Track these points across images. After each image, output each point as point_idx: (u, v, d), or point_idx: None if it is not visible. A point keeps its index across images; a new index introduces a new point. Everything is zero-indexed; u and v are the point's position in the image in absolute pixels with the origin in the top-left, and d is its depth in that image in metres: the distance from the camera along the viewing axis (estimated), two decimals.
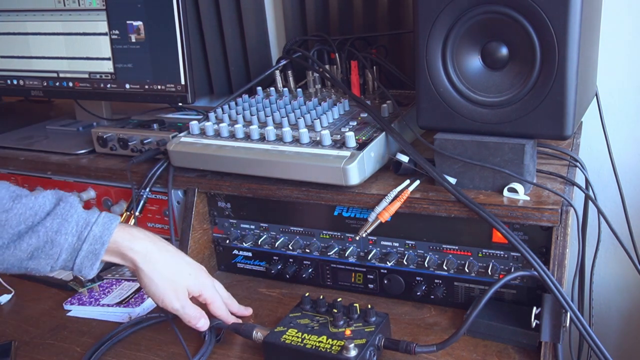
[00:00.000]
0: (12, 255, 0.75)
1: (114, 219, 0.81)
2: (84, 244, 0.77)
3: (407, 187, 0.92)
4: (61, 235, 0.76)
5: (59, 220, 0.76)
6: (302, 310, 0.90)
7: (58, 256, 0.76)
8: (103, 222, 0.79)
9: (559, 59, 0.78)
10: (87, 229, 0.78)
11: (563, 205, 0.83)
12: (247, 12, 1.46)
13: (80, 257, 0.77)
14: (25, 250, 0.75)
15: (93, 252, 0.77)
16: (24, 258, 0.75)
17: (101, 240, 0.78)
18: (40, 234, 0.75)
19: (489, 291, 0.82)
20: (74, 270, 0.78)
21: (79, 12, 1.29)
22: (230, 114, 1.11)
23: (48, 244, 0.75)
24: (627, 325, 1.40)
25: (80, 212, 0.79)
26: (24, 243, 0.74)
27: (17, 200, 0.76)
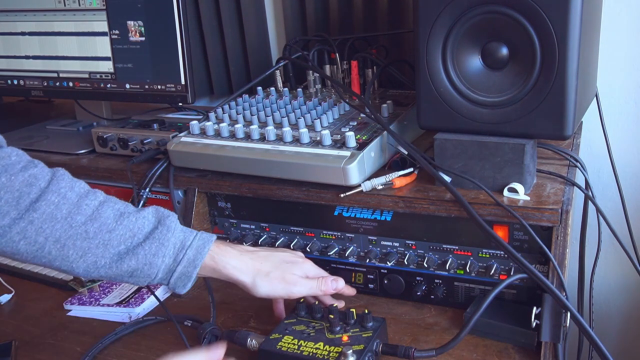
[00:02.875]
0: (113, 272, 0.78)
1: (207, 241, 0.83)
2: (179, 266, 0.80)
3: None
4: (158, 258, 0.79)
5: (157, 245, 0.79)
6: (297, 317, 0.89)
7: (155, 276, 0.80)
8: (197, 245, 0.82)
9: (559, 59, 0.78)
10: (182, 252, 0.81)
11: (563, 205, 0.83)
12: (247, 12, 1.46)
13: (174, 277, 0.81)
14: (125, 271, 0.78)
15: (186, 274, 0.81)
16: (124, 275, 0.79)
17: (194, 264, 0.81)
18: (139, 257, 0.78)
19: (490, 295, 0.82)
20: (169, 287, 0.82)
21: (79, 12, 1.29)
22: (231, 114, 1.11)
23: (147, 265, 0.78)
24: (627, 325, 1.40)
25: (177, 235, 0.81)
26: (124, 264, 0.78)
27: (119, 221, 0.79)
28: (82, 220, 0.77)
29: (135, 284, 0.81)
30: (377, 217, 0.98)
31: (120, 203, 0.82)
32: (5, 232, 0.74)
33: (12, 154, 0.78)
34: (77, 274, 0.79)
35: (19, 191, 0.74)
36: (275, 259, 0.89)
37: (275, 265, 0.88)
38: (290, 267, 0.89)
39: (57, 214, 0.76)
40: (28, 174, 0.76)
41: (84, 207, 0.78)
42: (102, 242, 0.77)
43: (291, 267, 0.89)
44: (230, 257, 0.85)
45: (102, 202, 0.80)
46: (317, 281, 0.89)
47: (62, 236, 0.75)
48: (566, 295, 0.81)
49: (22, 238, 0.74)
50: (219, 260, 0.83)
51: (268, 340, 0.84)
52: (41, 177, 0.77)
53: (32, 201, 0.75)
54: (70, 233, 0.76)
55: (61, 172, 0.80)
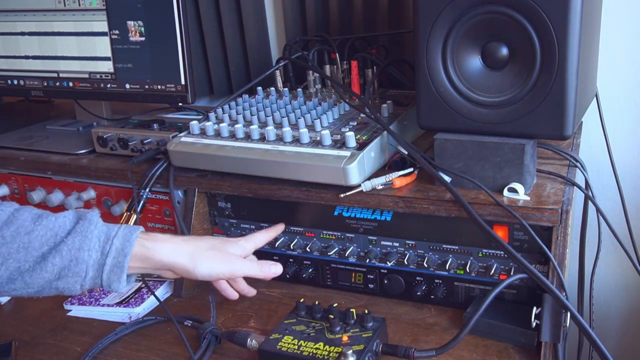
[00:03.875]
0: (39, 277, 0.75)
1: (134, 230, 0.81)
2: (108, 258, 0.77)
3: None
4: (84, 251, 0.76)
5: (80, 237, 0.76)
6: (297, 317, 0.89)
7: (85, 273, 0.76)
8: (123, 234, 0.79)
9: (559, 59, 0.78)
10: (108, 242, 0.78)
11: (563, 205, 0.83)
12: (247, 12, 1.46)
13: (106, 271, 0.77)
14: (51, 271, 0.75)
15: (117, 265, 0.77)
16: (52, 279, 0.75)
17: (123, 252, 0.77)
18: (63, 253, 0.75)
19: (490, 295, 0.82)
20: (103, 286, 0.78)
21: (79, 12, 1.29)
22: (231, 114, 1.11)
23: (72, 262, 0.75)
24: (627, 325, 1.40)
25: (100, 227, 0.79)
26: (48, 264, 0.74)
27: (37, 222, 0.76)
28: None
29: (67, 289, 0.76)
30: (377, 217, 0.98)
31: (36, 209, 0.80)
32: None
33: None
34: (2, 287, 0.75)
35: None
36: (208, 239, 0.88)
37: (211, 245, 0.86)
38: (225, 245, 0.87)
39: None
40: None
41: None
42: (21, 245, 0.74)
43: (227, 245, 0.88)
44: (161, 242, 0.82)
45: (17, 208, 0.78)
46: (259, 263, 0.89)
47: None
48: (566, 295, 0.81)
49: None
50: (150, 247, 0.80)
51: (268, 340, 0.84)
52: None
53: None
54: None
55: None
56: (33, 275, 0.74)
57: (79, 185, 1.22)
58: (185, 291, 1.08)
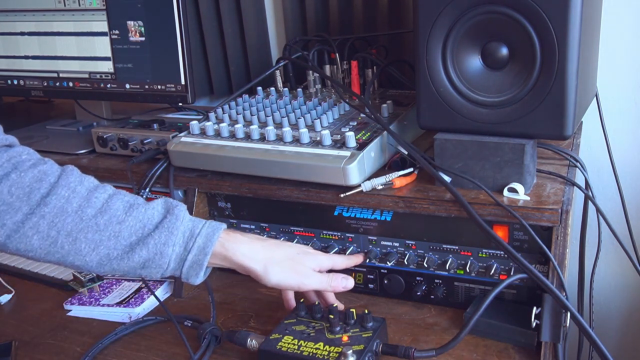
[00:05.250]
0: (126, 265, 0.79)
1: (217, 228, 0.83)
2: (189, 255, 0.80)
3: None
4: (168, 246, 0.79)
5: (166, 233, 0.79)
6: (297, 317, 0.89)
7: (167, 266, 0.80)
8: (206, 233, 0.82)
9: (559, 59, 0.78)
10: (192, 240, 0.81)
11: (563, 205, 0.83)
12: (247, 12, 1.46)
13: (186, 266, 0.80)
14: (137, 261, 0.78)
15: (197, 262, 0.80)
16: (137, 267, 0.79)
17: (204, 251, 0.80)
18: (150, 247, 0.78)
19: (490, 295, 0.82)
20: (182, 277, 0.82)
21: (79, 12, 1.29)
22: (231, 114, 1.11)
23: (157, 255, 0.79)
24: (627, 325, 1.40)
25: (186, 224, 0.81)
26: (135, 255, 0.78)
27: (129, 212, 0.79)
28: (93, 213, 0.77)
29: (149, 276, 0.81)
30: (377, 217, 0.98)
31: (129, 196, 0.82)
32: (19, 227, 0.74)
33: (23, 152, 0.80)
34: (91, 269, 0.79)
35: (29, 187, 0.75)
36: (287, 248, 0.89)
37: (287, 255, 0.87)
38: (302, 257, 0.88)
39: (68, 208, 0.76)
40: (37, 170, 0.77)
41: (93, 200, 0.78)
42: (113, 233, 0.78)
43: (303, 257, 0.88)
44: (240, 244, 0.84)
45: (112, 195, 0.81)
46: (328, 277, 0.89)
47: (73, 229, 0.76)
48: (566, 295, 0.81)
49: (35, 233, 0.75)
50: (229, 248, 0.82)
51: (268, 340, 0.84)
52: (50, 172, 0.78)
53: (42, 196, 0.76)
54: (82, 226, 0.77)
55: (70, 168, 0.81)
56: (121, 263, 0.78)
57: None
58: (185, 291, 1.08)
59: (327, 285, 0.89)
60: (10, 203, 0.74)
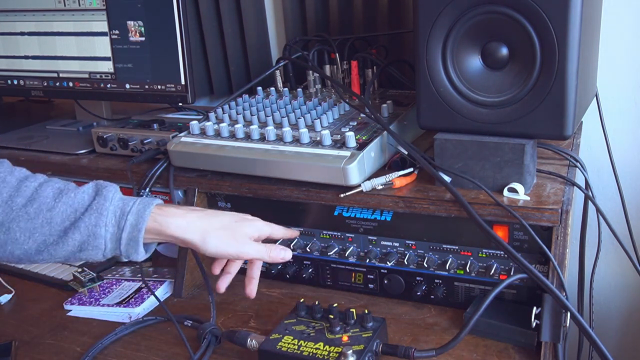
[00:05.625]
0: (63, 250, 0.79)
1: (148, 204, 0.82)
2: (123, 233, 0.80)
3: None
4: (100, 227, 0.79)
5: (96, 215, 0.79)
6: (297, 317, 0.89)
7: (104, 246, 0.80)
8: (137, 210, 0.81)
9: (559, 59, 0.78)
10: (123, 218, 0.81)
11: (563, 205, 0.83)
12: (247, 12, 1.46)
13: (123, 244, 0.80)
14: (72, 245, 0.79)
15: (133, 239, 0.80)
16: (74, 251, 0.80)
17: (137, 228, 0.80)
18: (81, 229, 0.79)
19: (490, 295, 0.82)
20: (122, 256, 0.82)
21: (79, 12, 1.29)
22: (231, 114, 1.11)
23: (91, 237, 0.79)
24: (627, 325, 1.40)
25: (116, 203, 0.81)
26: (69, 239, 0.78)
27: (58, 199, 0.80)
28: (23, 202, 0.78)
29: (90, 259, 0.81)
30: (377, 217, 0.98)
31: (60, 182, 0.83)
32: None
33: None
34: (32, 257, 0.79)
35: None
36: (224, 217, 0.88)
37: (224, 223, 0.86)
38: (240, 225, 0.87)
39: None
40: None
41: (23, 189, 0.79)
42: (45, 220, 0.78)
43: (241, 224, 0.87)
44: (174, 217, 0.83)
45: (42, 183, 0.81)
46: (267, 247, 0.88)
47: (5, 220, 0.77)
48: (566, 295, 0.81)
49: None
50: (162, 222, 0.82)
51: (268, 340, 0.84)
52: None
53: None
54: (12, 216, 0.78)
55: (1, 160, 0.82)
56: (57, 248, 0.79)
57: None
58: (185, 291, 1.08)
59: (266, 255, 0.87)
60: None
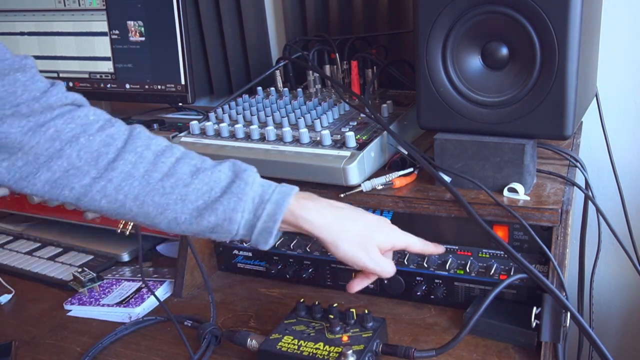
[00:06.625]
0: (195, 229, 0.78)
1: (287, 194, 0.81)
2: (259, 222, 0.79)
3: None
4: (237, 212, 0.78)
5: (235, 199, 0.78)
6: (297, 317, 0.89)
7: (236, 231, 0.79)
8: (276, 200, 0.80)
9: (559, 59, 0.78)
10: (261, 206, 0.79)
11: (563, 205, 0.83)
12: (247, 12, 1.46)
13: (255, 233, 0.79)
14: (206, 226, 0.78)
15: (266, 230, 0.79)
16: (206, 231, 0.79)
17: (274, 219, 0.79)
18: (218, 212, 0.77)
19: (490, 295, 0.82)
20: (251, 242, 0.81)
21: (79, 12, 1.29)
22: (231, 114, 1.11)
23: (226, 221, 0.78)
24: (627, 325, 1.40)
25: (256, 189, 0.80)
26: (204, 220, 0.78)
27: (195, 176, 0.79)
28: (159, 177, 0.77)
29: (218, 239, 0.81)
30: None
31: (197, 158, 0.82)
32: (87, 191, 0.75)
33: (90, 113, 0.78)
34: (163, 229, 0.79)
35: (97, 151, 0.75)
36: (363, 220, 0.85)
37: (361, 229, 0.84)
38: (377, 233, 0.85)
39: (135, 173, 0.76)
40: (105, 134, 0.77)
41: (160, 165, 0.78)
42: (179, 197, 0.77)
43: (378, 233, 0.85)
44: (311, 211, 0.82)
45: (179, 158, 0.80)
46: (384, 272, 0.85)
47: (140, 193, 0.76)
48: (566, 295, 0.81)
49: (103, 196, 0.75)
50: (299, 216, 0.80)
51: (268, 340, 0.84)
52: (118, 136, 0.78)
53: (110, 161, 0.76)
54: (148, 190, 0.77)
55: (138, 130, 0.80)
56: (189, 227, 0.78)
57: None
58: (185, 291, 1.08)
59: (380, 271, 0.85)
60: (79, 167, 0.74)
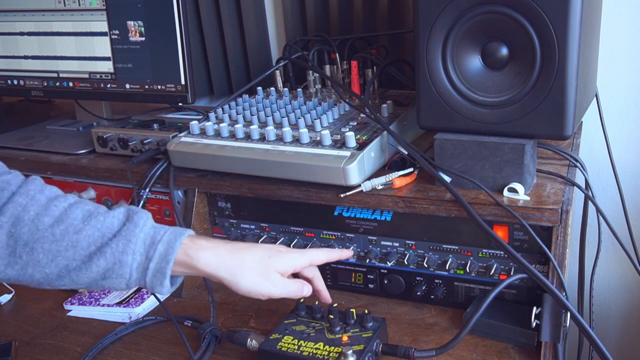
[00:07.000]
0: (85, 276, 0.75)
1: (180, 234, 0.78)
2: (151, 263, 0.76)
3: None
4: (127, 255, 0.75)
5: (124, 241, 0.75)
6: (297, 317, 0.89)
7: (129, 275, 0.76)
8: (168, 240, 0.77)
9: (559, 59, 0.78)
10: (153, 247, 0.77)
11: (563, 205, 0.83)
12: (247, 12, 1.46)
13: (149, 275, 0.76)
14: (96, 272, 0.75)
15: (160, 271, 0.76)
16: (97, 278, 0.76)
17: (166, 259, 0.76)
18: (107, 256, 0.75)
19: (490, 295, 0.82)
20: (147, 287, 0.77)
21: (79, 12, 1.29)
22: (231, 114, 1.11)
23: (116, 264, 0.75)
24: (627, 325, 1.40)
25: (147, 230, 0.77)
26: (93, 265, 0.75)
27: (87, 222, 0.76)
28: (50, 222, 0.74)
29: (112, 288, 0.77)
30: (377, 217, 0.98)
31: (91, 205, 0.79)
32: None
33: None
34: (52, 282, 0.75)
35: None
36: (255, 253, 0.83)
37: (258, 260, 0.82)
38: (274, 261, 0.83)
39: (24, 216, 0.74)
40: (0, 180, 0.75)
41: (52, 209, 0.75)
42: (70, 243, 0.74)
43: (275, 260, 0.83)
44: (205, 250, 0.79)
45: (72, 203, 0.78)
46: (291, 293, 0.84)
47: (30, 239, 0.73)
48: (566, 295, 0.81)
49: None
50: (193, 256, 0.78)
51: (268, 340, 0.84)
52: (14, 182, 0.76)
53: (1, 205, 0.74)
54: (38, 236, 0.74)
55: (33, 178, 0.78)
56: (79, 274, 0.75)
57: (79, 185, 1.22)
58: (185, 291, 1.08)
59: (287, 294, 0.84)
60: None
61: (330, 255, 0.91)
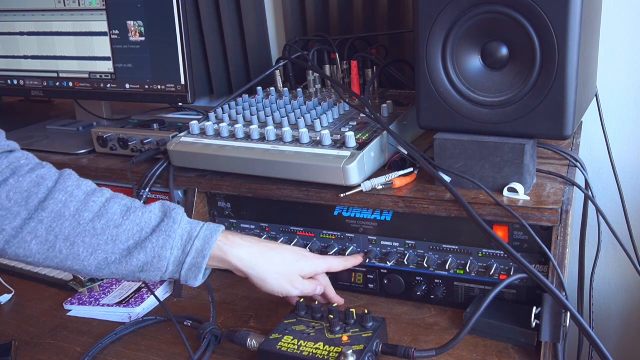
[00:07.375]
0: (124, 269, 0.79)
1: (215, 231, 0.84)
2: (188, 257, 0.81)
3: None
4: (166, 250, 0.80)
5: (164, 237, 0.80)
6: (297, 317, 0.89)
7: (166, 269, 0.81)
8: (204, 236, 0.82)
9: (559, 59, 0.78)
10: (190, 242, 0.82)
11: (563, 205, 0.83)
12: (247, 12, 1.46)
13: (184, 269, 0.81)
14: (135, 265, 0.79)
15: (195, 265, 0.81)
16: (135, 271, 0.80)
17: (202, 254, 0.81)
18: (148, 250, 0.79)
19: (490, 295, 0.82)
20: (181, 280, 0.82)
21: (79, 12, 1.29)
22: (231, 114, 1.11)
23: (156, 258, 0.79)
24: (627, 325, 1.40)
25: (184, 226, 0.82)
26: (133, 259, 0.79)
27: (126, 216, 0.80)
28: (90, 217, 0.78)
29: (148, 280, 0.82)
30: (377, 217, 0.98)
31: (127, 199, 0.83)
32: (17, 233, 0.75)
33: (22, 157, 0.79)
34: (90, 273, 0.79)
35: (27, 192, 0.76)
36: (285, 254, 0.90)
37: (287, 261, 0.89)
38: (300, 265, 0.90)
39: (65, 212, 0.77)
40: (36, 175, 0.77)
41: (91, 204, 0.79)
42: (110, 237, 0.78)
43: (301, 264, 0.90)
44: (238, 248, 0.85)
45: (109, 198, 0.81)
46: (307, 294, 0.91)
47: (71, 234, 0.77)
48: (566, 295, 0.81)
49: (33, 238, 0.75)
50: (227, 251, 0.84)
51: (268, 340, 0.84)
52: (48, 177, 0.78)
53: (40, 201, 0.76)
54: (79, 230, 0.77)
55: (68, 172, 0.81)
56: (119, 267, 0.79)
57: None
58: (185, 291, 1.08)
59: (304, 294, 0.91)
60: (8, 208, 0.75)
61: (347, 264, 0.97)
